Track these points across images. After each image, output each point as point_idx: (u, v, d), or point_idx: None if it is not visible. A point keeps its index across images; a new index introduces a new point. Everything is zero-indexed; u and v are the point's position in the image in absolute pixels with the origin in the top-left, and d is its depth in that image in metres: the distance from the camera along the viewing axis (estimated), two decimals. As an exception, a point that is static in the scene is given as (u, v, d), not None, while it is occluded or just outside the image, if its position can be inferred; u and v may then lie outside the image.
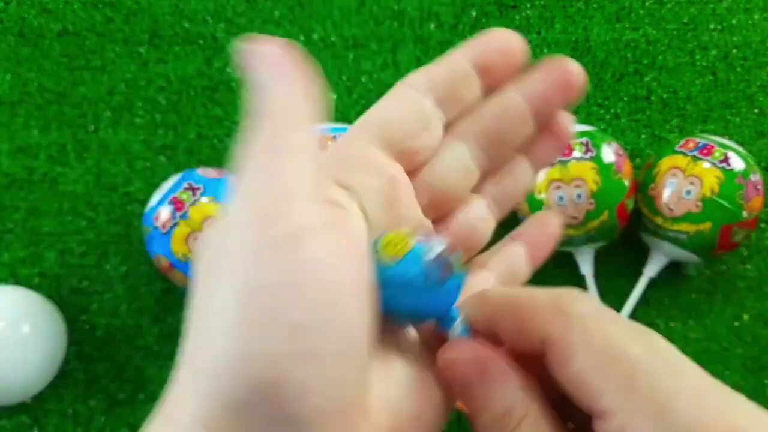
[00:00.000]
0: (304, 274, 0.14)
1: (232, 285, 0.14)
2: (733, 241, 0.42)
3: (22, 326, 0.41)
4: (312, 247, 0.14)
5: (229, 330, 0.13)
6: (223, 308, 0.14)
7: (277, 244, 0.14)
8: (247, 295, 0.13)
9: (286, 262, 0.14)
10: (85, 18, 0.53)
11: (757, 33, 0.54)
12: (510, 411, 0.16)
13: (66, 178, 0.48)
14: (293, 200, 0.14)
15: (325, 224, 0.15)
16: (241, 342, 0.13)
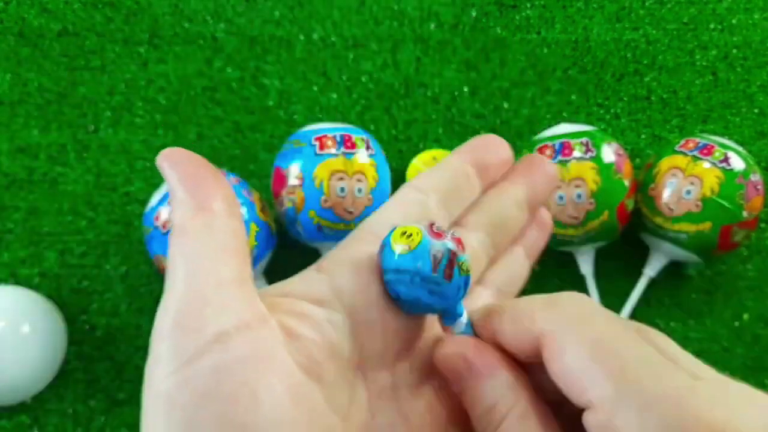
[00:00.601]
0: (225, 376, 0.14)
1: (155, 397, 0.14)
2: (733, 241, 0.42)
3: (22, 326, 0.40)
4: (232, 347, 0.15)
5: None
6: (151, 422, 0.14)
7: (191, 352, 0.14)
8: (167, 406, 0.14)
9: (202, 368, 0.14)
10: (85, 18, 0.53)
11: (757, 33, 0.54)
12: (496, 404, 0.16)
13: (66, 178, 0.48)
14: (205, 307, 0.15)
15: (239, 327, 0.15)
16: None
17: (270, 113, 0.51)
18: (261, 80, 0.52)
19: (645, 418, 0.14)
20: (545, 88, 0.52)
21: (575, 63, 0.53)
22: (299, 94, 0.52)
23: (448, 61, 0.53)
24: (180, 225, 0.16)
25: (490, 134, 0.21)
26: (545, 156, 0.42)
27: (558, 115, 0.52)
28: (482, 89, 0.52)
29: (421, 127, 0.51)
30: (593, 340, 0.15)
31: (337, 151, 0.41)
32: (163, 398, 0.14)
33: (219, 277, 0.15)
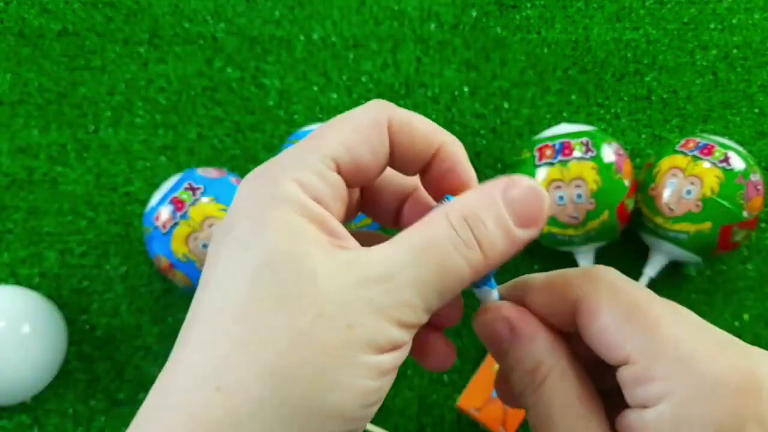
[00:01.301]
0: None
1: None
2: (733, 241, 0.42)
3: (23, 326, 0.41)
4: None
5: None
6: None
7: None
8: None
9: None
10: (85, 18, 0.53)
11: (757, 33, 0.54)
12: (539, 365, 0.17)
13: (66, 178, 0.48)
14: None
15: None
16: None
17: (270, 113, 0.51)
18: (261, 80, 0.52)
19: (680, 367, 0.15)
20: (545, 88, 0.52)
21: (575, 63, 0.53)
22: (299, 94, 0.52)
23: (448, 61, 0.53)
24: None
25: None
26: (545, 154, 0.42)
27: (558, 115, 0.52)
28: (482, 89, 0.52)
29: (422, 127, 0.51)
30: (628, 302, 0.16)
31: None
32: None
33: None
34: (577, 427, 0.16)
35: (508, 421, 0.40)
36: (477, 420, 0.41)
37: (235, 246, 0.16)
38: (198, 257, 0.40)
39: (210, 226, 0.39)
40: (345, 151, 0.17)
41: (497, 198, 0.17)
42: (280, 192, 0.16)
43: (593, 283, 0.17)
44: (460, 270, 0.16)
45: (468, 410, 0.41)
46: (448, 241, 0.16)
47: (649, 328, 0.16)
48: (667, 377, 0.15)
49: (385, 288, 0.15)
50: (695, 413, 0.15)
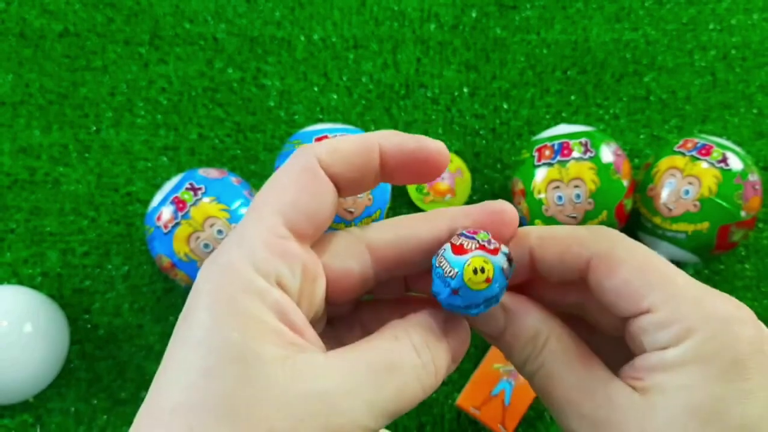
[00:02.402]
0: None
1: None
2: (731, 240, 0.42)
3: (25, 326, 0.41)
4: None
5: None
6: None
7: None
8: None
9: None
10: (86, 19, 0.53)
11: (756, 33, 0.54)
12: (537, 333, 0.18)
13: (68, 179, 0.49)
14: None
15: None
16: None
17: (271, 114, 0.51)
18: (262, 81, 0.52)
19: (699, 310, 0.16)
20: (545, 89, 0.53)
21: (575, 63, 0.53)
22: (300, 95, 0.52)
23: (448, 62, 0.53)
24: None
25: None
26: (544, 154, 0.42)
27: (557, 116, 0.52)
28: (482, 90, 0.53)
29: (422, 128, 0.51)
30: (642, 258, 0.17)
31: (337, 151, 0.42)
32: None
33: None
34: (584, 378, 0.17)
35: (507, 420, 0.41)
36: (476, 418, 0.41)
37: (189, 341, 0.15)
38: (199, 257, 0.40)
39: (211, 226, 0.40)
40: (293, 212, 0.17)
41: (443, 337, 0.18)
42: (238, 280, 0.16)
43: (607, 241, 0.18)
44: (416, 396, 0.16)
45: (467, 408, 0.41)
46: (411, 369, 0.16)
47: (666, 279, 0.17)
48: (688, 319, 0.16)
49: (341, 408, 0.15)
50: (718, 345, 0.16)
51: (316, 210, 0.17)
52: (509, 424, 0.41)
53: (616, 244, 0.18)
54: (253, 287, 0.16)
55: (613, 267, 0.18)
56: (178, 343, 0.16)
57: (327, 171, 0.18)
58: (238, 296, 0.15)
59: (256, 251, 0.16)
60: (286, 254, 0.16)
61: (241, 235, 0.17)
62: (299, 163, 0.17)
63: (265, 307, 0.15)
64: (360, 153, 0.18)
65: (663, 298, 0.17)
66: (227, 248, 0.17)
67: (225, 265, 0.16)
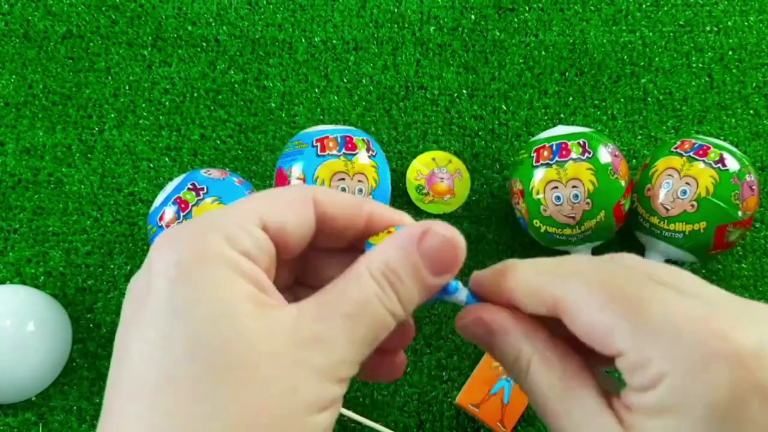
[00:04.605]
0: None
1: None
2: (728, 240, 0.42)
3: (28, 325, 0.41)
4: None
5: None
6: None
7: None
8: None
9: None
10: (90, 20, 0.54)
11: (752, 35, 0.55)
12: (519, 353, 0.18)
13: (71, 179, 0.49)
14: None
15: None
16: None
17: (272, 115, 0.52)
18: (263, 82, 0.53)
19: (672, 346, 0.15)
20: (543, 90, 0.53)
21: (572, 65, 0.54)
22: (301, 96, 0.52)
23: (447, 64, 0.54)
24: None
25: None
26: (543, 155, 0.43)
27: (555, 117, 0.52)
28: (481, 91, 0.53)
29: (421, 129, 0.52)
30: (607, 291, 0.16)
31: (338, 152, 0.42)
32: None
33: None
34: (566, 404, 0.17)
35: (506, 417, 0.41)
36: (476, 416, 0.41)
37: (161, 313, 0.15)
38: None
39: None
40: (275, 216, 0.17)
41: (413, 251, 0.17)
42: (209, 248, 0.16)
43: (566, 282, 0.17)
44: (387, 322, 0.17)
45: (467, 406, 0.41)
46: (377, 301, 0.17)
47: (633, 313, 0.16)
48: (662, 358, 0.15)
49: (323, 348, 0.16)
50: (694, 392, 0.15)
51: (293, 232, 0.18)
52: (508, 422, 0.41)
53: (575, 282, 0.17)
54: (226, 255, 0.16)
55: (575, 312, 0.17)
56: (146, 314, 0.15)
57: (317, 208, 0.18)
58: (210, 264, 0.16)
59: (227, 227, 0.16)
60: (256, 238, 0.17)
61: (217, 215, 0.17)
62: (298, 191, 0.18)
63: (237, 273, 0.16)
64: (352, 210, 0.19)
65: (630, 337, 0.16)
66: (199, 223, 0.17)
67: (196, 235, 0.16)
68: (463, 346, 0.46)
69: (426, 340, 0.46)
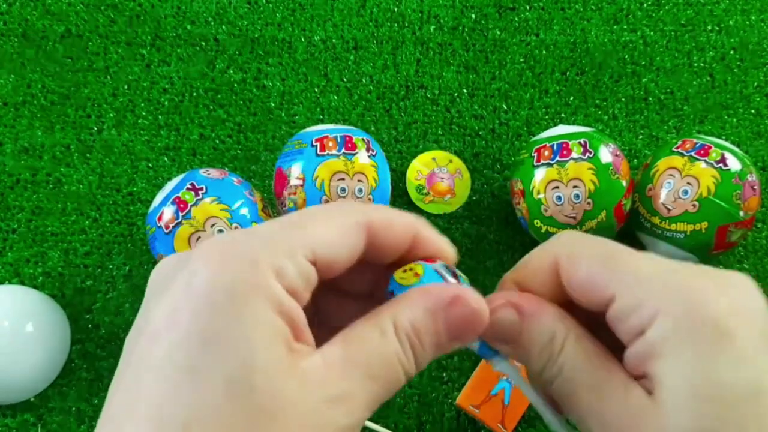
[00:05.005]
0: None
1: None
2: (729, 240, 0.42)
3: (26, 325, 0.41)
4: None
5: None
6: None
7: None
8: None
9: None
10: (89, 20, 0.54)
11: (754, 34, 0.55)
12: (554, 335, 0.18)
13: (70, 179, 0.49)
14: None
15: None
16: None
17: (272, 114, 0.52)
18: (263, 82, 0.53)
19: (663, 286, 0.16)
20: (543, 90, 0.53)
21: (573, 65, 0.54)
22: (300, 96, 0.52)
23: (447, 63, 0.54)
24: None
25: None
26: (543, 155, 0.43)
27: (556, 116, 0.52)
28: (481, 91, 0.53)
29: (421, 129, 0.51)
30: (602, 250, 0.18)
31: (338, 152, 0.42)
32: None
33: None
34: (604, 384, 0.17)
35: (506, 418, 0.41)
36: (476, 417, 0.41)
37: (194, 337, 0.15)
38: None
39: (212, 226, 0.40)
40: (326, 247, 0.17)
41: (439, 317, 0.17)
42: (257, 279, 0.15)
43: (566, 242, 0.19)
44: (400, 381, 0.17)
45: (467, 408, 0.41)
46: (397, 361, 0.17)
47: (626, 266, 0.17)
48: (654, 298, 0.16)
49: (347, 408, 0.16)
50: (691, 318, 0.16)
51: (341, 264, 0.17)
52: (508, 423, 0.41)
53: (576, 242, 0.19)
54: (273, 293, 0.15)
55: (574, 263, 0.18)
56: (178, 335, 0.15)
57: (369, 236, 0.18)
58: (256, 299, 0.15)
59: (278, 256, 0.16)
60: (305, 275, 0.16)
61: (273, 239, 0.16)
62: (356, 218, 0.18)
63: (278, 314, 0.15)
64: (404, 239, 0.19)
65: (626, 283, 0.17)
66: (254, 243, 0.16)
67: (249, 259, 0.15)
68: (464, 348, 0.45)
69: (426, 340, 0.45)
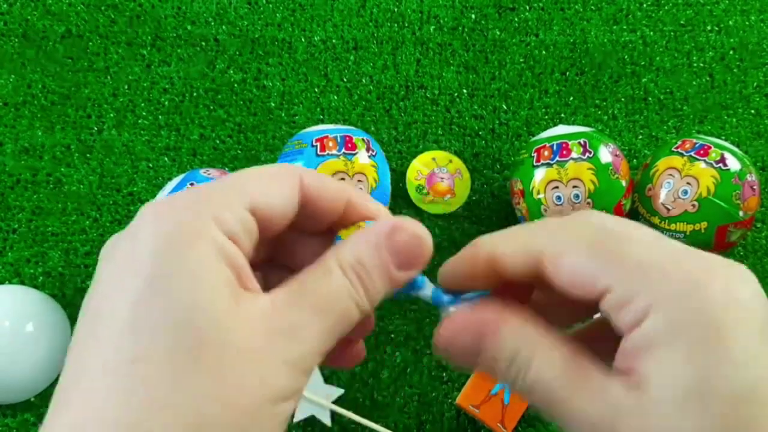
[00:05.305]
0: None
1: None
2: (729, 240, 0.42)
3: (27, 325, 0.41)
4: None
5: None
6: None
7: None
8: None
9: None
10: (89, 20, 0.54)
11: (753, 34, 0.55)
12: (517, 351, 0.17)
13: (70, 179, 0.49)
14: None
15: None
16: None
17: (272, 114, 0.52)
18: (263, 82, 0.53)
19: (656, 278, 0.15)
20: (543, 90, 0.53)
21: (573, 65, 0.54)
22: (300, 96, 0.52)
23: (447, 63, 0.54)
24: None
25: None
26: (543, 155, 0.43)
27: (556, 117, 0.52)
28: (481, 91, 0.53)
29: (421, 129, 0.52)
30: (586, 238, 0.17)
31: (338, 152, 0.42)
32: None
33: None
34: (581, 387, 0.16)
35: (506, 418, 0.41)
36: (476, 417, 0.41)
37: (142, 283, 0.15)
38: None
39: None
40: (262, 198, 0.17)
41: (382, 246, 0.18)
42: (198, 226, 0.16)
43: (551, 235, 0.18)
44: (354, 315, 0.18)
45: (467, 407, 0.41)
46: (347, 295, 0.17)
47: (617, 254, 0.16)
48: (646, 291, 0.15)
49: (293, 341, 0.16)
50: (677, 317, 0.15)
51: (278, 214, 0.18)
52: (508, 422, 0.41)
53: (558, 234, 0.17)
54: (215, 239, 0.16)
55: (559, 258, 0.17)
56: (123, 280, 0.16)
57: (302, 190, 0.19)
58: (199, 244, 0.16)
59: (217, 206, 0.17)
60: (245, 222, 0.17)
61: (212, 194, 0.17)
62: (289, 170, 0.19)
63: (221, 258, 0.16)
64: (335, 196, 0.19)
65: (616, 275, 0.16)
66: (195, 198, 0.17)
67: (192, 211, 0.16)
68: (464, 347, 0.45)
69: (426, 340, 0.45)
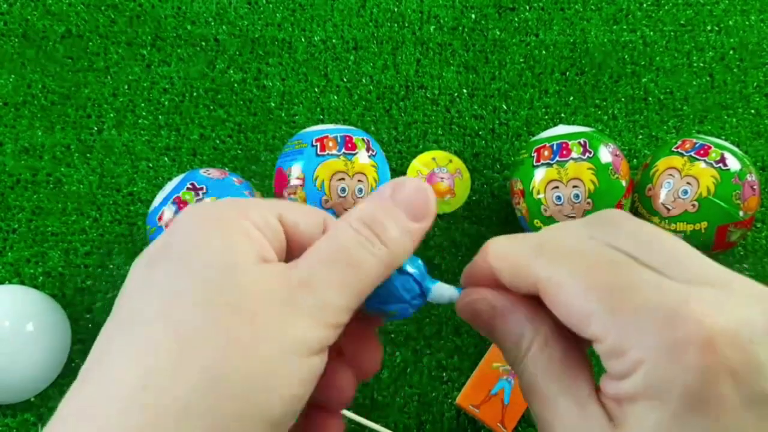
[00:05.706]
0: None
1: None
2: (729, 240, 0.42)
3: (27, 325, 0.41)
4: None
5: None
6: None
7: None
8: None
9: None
10: (89, 20, 0.54)
11: (753, 34, 0.55)
12: (521, 336, 0.18)
13: (70, 179, 0.49)
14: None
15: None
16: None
17: (272, 114, 0.52)
18: (263, 82, 0.53)
19: (647, 334, 0.15)
20: (543, 90, 0.53)
21: (573, 65, 0.54)
22: (300, 96, 0.52)
23: (447, 63, 0.54)
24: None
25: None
26: (543, 155, 0.43)
27: (556, 117, 0.52)
28: (481, 91, 0.53)
29: (421, 129, 0.52)
30: (588, 281, 0.16)
31: (338, 152, 0.42)
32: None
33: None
34: (560, 390, 0.17)
35: (506, 418, 0.41)
36: (476, 417, 0.41)
37: (172, 260, 0.17)
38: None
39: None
40: (289, 212, 0.19)
41: (388, 201, 0.19)
42: (228, 217, 0.17)
43: (550, 263, 0.17)
44: (370, 265, 0.18)
45: (467, 407, 0.41)
46: (355, 243, 0.18)
47: (611, 300, 0.16)
48: (638, 346, 0.15)
49: (308, 291, 0.17)
50: (668, 378, 0.14)
51: (303, 229, 0.19)
52: (508, 422, 0.41)
53: (559, 260, 0.17)
54: (242, 226, 0.17)
55: (554, 292, 0.17)
56: (162, 261, 0.17)
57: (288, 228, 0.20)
58: (225, 226, 0.17)
59: (248, 210, 0.18)
60: (272, 227, 0.18)
61: (243, 201, 0.19)
62: (316, 209, 0.20)
63: (246, 238, 0.17)
64: (320, 223, 0.20)
65: (608, 325, 0.15)
66: (225, 202, 0.18)
67: (220, 209, 0.18)
68: (464, 347, 0.45)
69: (426, 340, 0.45)
